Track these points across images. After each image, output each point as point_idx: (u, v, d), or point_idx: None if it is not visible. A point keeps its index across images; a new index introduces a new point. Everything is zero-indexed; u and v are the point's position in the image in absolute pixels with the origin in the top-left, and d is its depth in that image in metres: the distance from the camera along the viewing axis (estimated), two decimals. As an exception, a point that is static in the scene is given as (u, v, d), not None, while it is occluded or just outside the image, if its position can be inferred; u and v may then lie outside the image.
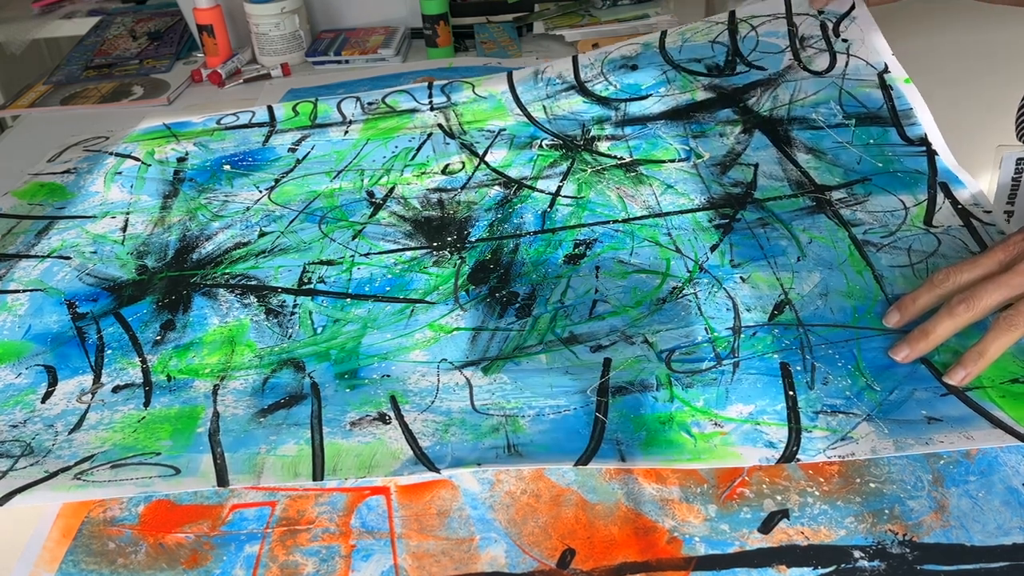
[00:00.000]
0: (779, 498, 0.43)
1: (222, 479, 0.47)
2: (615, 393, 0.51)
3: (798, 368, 0.52)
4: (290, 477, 0.47)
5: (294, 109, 0.85)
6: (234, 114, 0.86)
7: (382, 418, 0.51)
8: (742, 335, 0.55)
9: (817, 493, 0.43)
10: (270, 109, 0.85)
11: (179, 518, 0.44)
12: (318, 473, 0.47)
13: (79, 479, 0.47)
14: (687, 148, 0.74)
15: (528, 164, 0.74)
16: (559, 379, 0.53)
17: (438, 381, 0.53)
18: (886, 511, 0.42)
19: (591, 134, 0.77)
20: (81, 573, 0.42)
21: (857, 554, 0.40)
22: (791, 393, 0.50)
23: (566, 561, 0.41)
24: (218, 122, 0.85)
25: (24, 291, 0.63)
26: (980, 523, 0.41)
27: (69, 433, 0.51)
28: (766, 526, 0.42)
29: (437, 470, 0.46)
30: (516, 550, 0.42)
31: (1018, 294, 0.49)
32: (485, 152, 0.76)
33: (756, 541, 0.41)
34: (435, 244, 0.66)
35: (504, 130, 0.79)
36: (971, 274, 0.52)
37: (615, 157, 0.74)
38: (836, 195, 0.66)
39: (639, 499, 0.44)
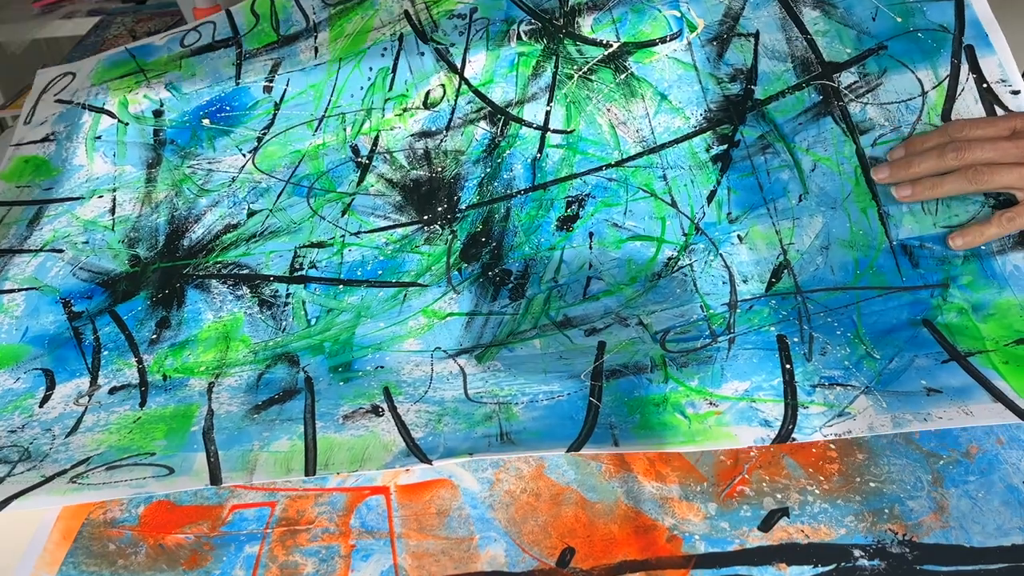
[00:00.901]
0: (779, 496, 0.43)
1: (215, 477, 0.47)
2: (609, 376, 0.51)
3: (795, 340, 0.51)
4: (282, 473, 0.46)
5: (252, 11, 0.78)
6: (195, 30, 0.80)
7: (375, 410, 0.50)
8: (738, 310, 0.54)
9: (817, 491, 0.43)
10: (229, 16, 0.79)
11: (179, 519, 0.44)
12: (310, 468, 0.47)
13: (75, 482, 0.47)
14: (677, 15, 0.64)
15: (510, 75, 0.67)
16: (553, 364, 0.52)
17: (432, 371, 0.53)
18: (886, 511, 0.42)
19: (569, 3, 0.67)
20: (81, 574, 0.42)
21: (857, 553, 0.40)
22: (788, 366, 0.50)
23: (566, 560, 0.41)
24: (181, 43, 0.79)
25: (19, 290, 0.63)
26: (980, 524, 0.41)
27: (66, 437, 0.51)
28: (766, 524, 0.42)
29: (429, 461, 0.46)
30: (516, 549, 0.42)
31: (1007, 161, 0.51)
32: (463, 66, 0.68)
33: (756, 539, 0.41)
34: (426, 217, 0.63)
35: (475, 10, 0.70)
36: (983, 131, 0.53)
37: (601, 44, 0.65)
38: (846, 79, 0.59)
39: (639, 497, 0.44)
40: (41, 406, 0.54)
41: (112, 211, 0.69)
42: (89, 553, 0.43)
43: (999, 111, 0.56)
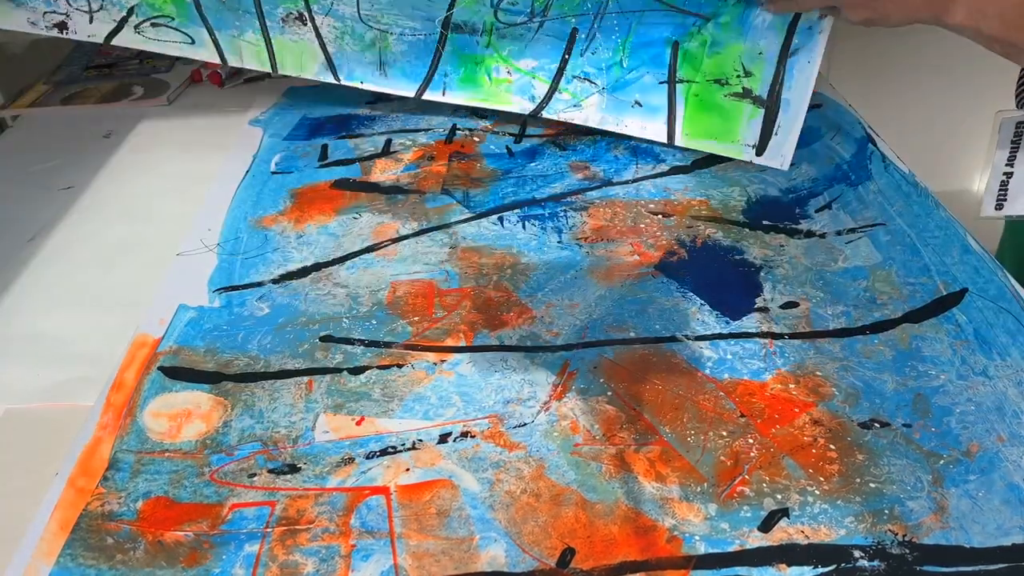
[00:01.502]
0: (779, 497, 0.43)
1: (223, 58, 0.70)
2: (453, 30, 0.67)
3: (583, 36, 0.64)
4: (258, 64, 0.69)
5: None
6: None
7: (301, 18, 0.68)
8: None
9: (817, 492, 0.43)
10: None
11: (178, 516, 0.44)
12: (274, 67, 0.69)
13: (138, 33, 0.68)
14: None
15: None
16: (421, 1, 0.67)
17: None
18: (886, 511, 0.42)
19: None
20: (79, 567, 0.41)
21: (857, 554, 0.40)
22: (566, 57, 0.65)
23: (566, 560, 0.41)
24: None
25: None
26: (980, 524, 0.41)
27: None
28: (766, 525, 0.42)
29: (339, 79, 0.68)
30: (516, 550, 0.42)
31: None
32: None
33: (756, 540, 0.41)
34: None
35: None
36: None
37: None
38: None
39: (639, 498, 0.44)
40: None
41: None
42: (87, 546, 0.43)
43: None
